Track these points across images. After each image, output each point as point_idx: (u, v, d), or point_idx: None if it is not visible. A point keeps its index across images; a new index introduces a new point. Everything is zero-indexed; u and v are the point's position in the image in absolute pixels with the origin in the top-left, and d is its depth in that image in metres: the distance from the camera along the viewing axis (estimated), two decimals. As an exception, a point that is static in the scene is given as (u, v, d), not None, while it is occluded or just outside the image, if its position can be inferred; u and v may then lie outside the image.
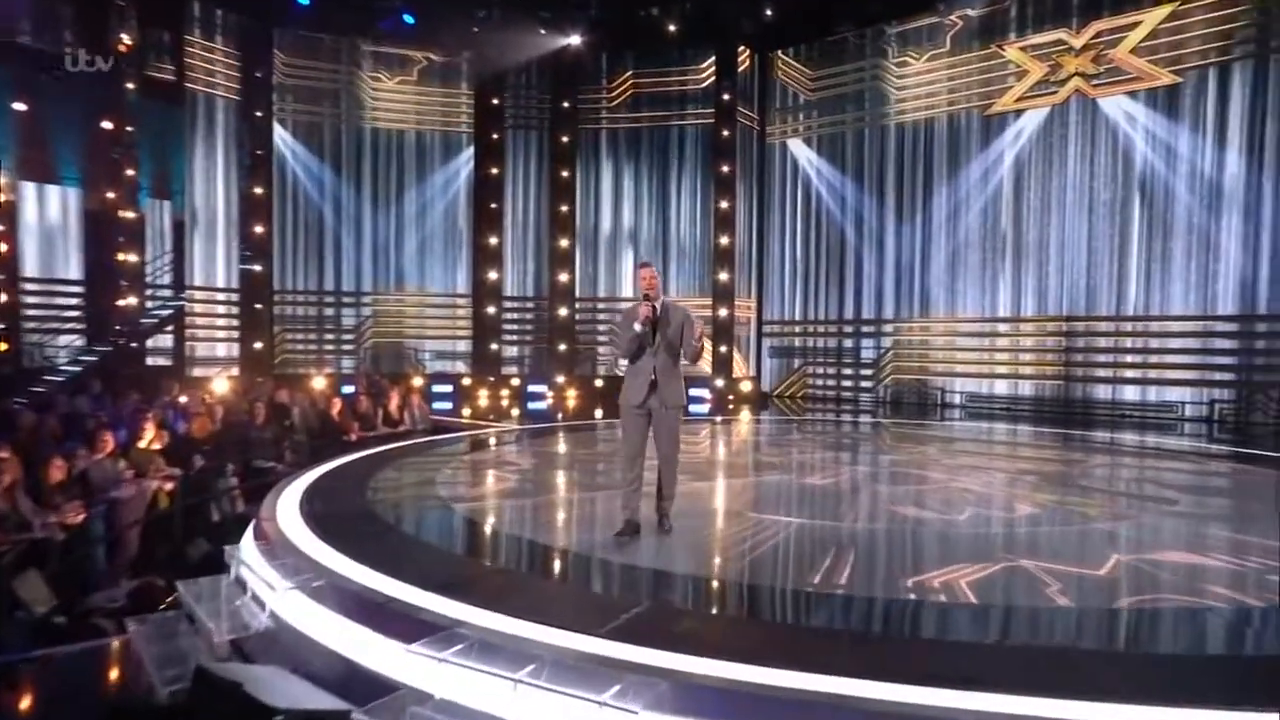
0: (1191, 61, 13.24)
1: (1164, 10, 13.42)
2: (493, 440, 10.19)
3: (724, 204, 17.61)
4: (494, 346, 17.98)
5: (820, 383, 18.12)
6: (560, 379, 17.54)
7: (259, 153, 15.84)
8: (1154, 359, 13.90)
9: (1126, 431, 12.14)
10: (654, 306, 4.76)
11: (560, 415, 14.36)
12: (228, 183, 15.61)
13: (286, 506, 5.51)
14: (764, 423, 13.67)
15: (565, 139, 18.08)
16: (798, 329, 18.51)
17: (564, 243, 18.14)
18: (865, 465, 8.68)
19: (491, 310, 17.97)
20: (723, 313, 17.07)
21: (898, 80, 16.73)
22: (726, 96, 17.43)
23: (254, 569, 4.36)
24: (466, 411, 14.61)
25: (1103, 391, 14.42)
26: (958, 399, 16.14)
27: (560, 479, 7.57)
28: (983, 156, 15.57)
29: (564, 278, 18.15)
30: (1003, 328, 15.60)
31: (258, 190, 15.85)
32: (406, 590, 3.70)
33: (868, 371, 17.43)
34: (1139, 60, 13.69)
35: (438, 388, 16.18)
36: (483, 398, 16.75)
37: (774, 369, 18.90)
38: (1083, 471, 8.29)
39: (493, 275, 17.95)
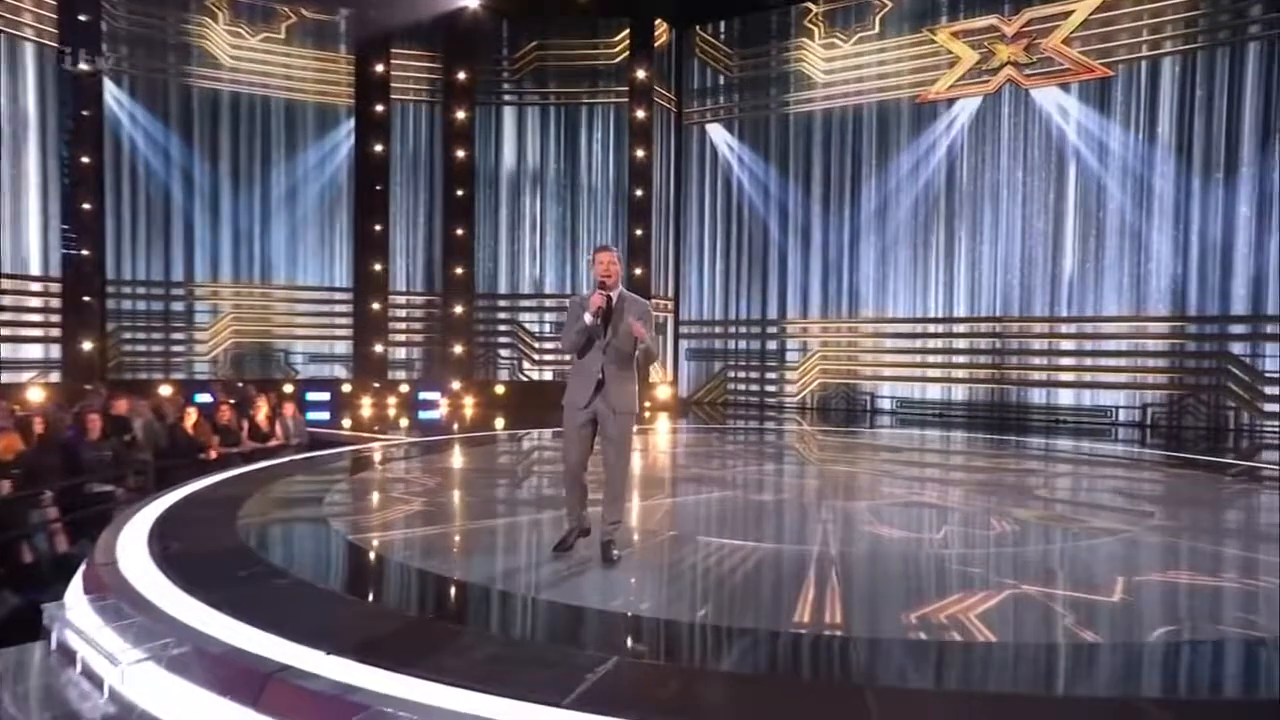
0: (1122, 55, 13.95)
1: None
2: (381, 455, 9.43)
3: (639, 192, 17.32)
4: (379, 348, 17.03)
5: (742, 388, 18.09)
6: (456, 385, 16.77)
7: (85, 113, 14.31)
8: (1088, 361, 14.54)
9: (1063, 437, 12.58)
10: (609, 296, 4.45)
11: (456, 426, 13.63)
12: (44, 148, 13.94)
13: (130, 545, 4.68)
14: (688, 432, 13.39)
15: (461, 114, 17.31)
16: (718, 330, 18.42)
17: (460, 231, 17.35)
18: (812, 478, 8.48)
19: (376, 307, 17.02)
20: (638, 311, 16.74)
21: (825, 63, 16.91)
22: (642, 74, 17.14)
23: (86, 633, 3.59)
24: (347, 422, 13.67)
25: (1037, 396, 14.97)
26: (887, 404, 16.43)
27: (474, 500, 6.95)
28: (914, 147, 15.92)
29: (461, 271, 17.38)
30: (934, 328, 15.98)
31: (84, 159, 14.34)
32: (304, 655, 3.09)
33: (792, 375, 17.51)
34: (1071, 51, 14.32)
35: (312, 395, 15.16)
36: (366, 406, 15.86)
37: (692, 373, 18.74)
38: (1040, 481, 8.39)
39: (378, 267, 16.97)
